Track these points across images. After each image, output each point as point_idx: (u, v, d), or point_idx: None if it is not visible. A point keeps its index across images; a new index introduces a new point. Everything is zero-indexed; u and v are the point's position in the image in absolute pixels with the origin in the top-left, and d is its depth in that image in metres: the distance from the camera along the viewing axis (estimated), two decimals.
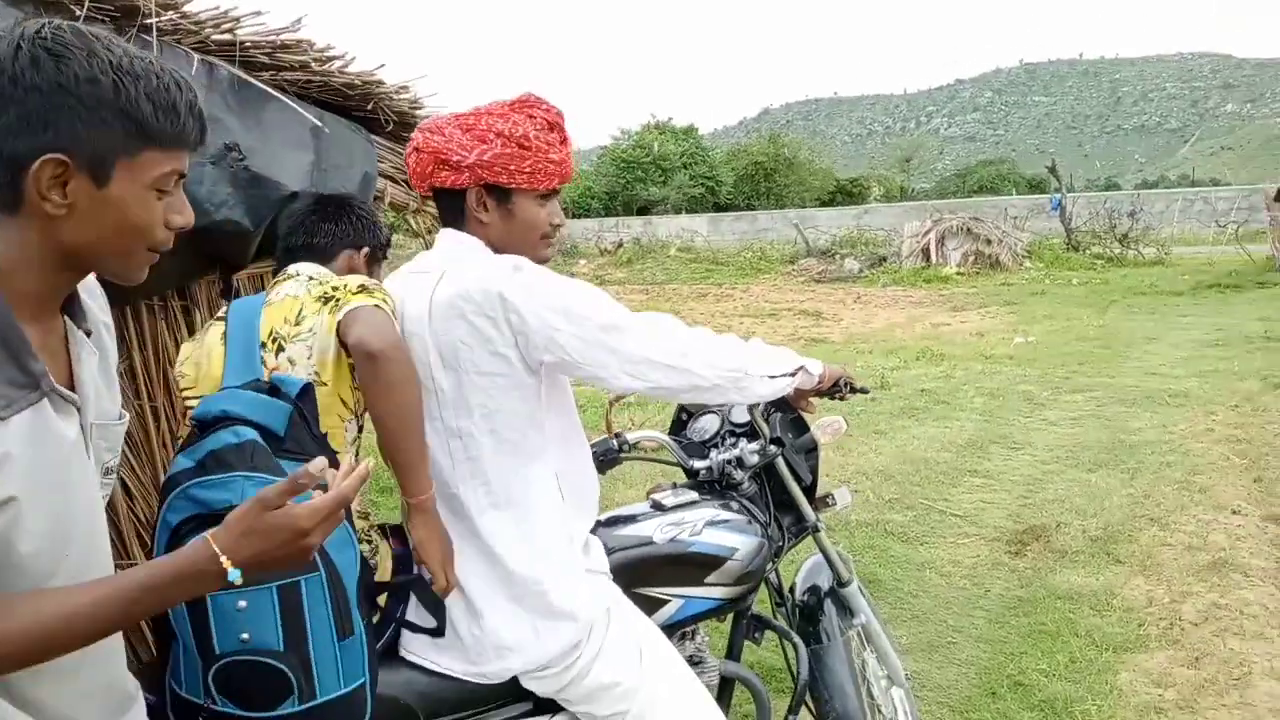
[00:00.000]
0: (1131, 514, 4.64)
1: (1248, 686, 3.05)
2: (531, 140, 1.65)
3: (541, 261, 1.73)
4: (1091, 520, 4.58)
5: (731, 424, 2.30)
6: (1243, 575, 3.86)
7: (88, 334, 1.15)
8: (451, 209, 1.73)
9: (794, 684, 2.25)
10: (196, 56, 2.37)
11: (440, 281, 1.64)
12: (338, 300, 1.72)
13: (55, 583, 1.04)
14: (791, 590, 2.44)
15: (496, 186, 1.68)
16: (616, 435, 2.23)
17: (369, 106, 2.85)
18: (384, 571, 1.70)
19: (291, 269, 1.93)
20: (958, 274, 17.46)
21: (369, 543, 1.73)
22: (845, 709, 2.25)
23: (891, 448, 6.13)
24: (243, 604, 1.36)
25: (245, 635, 1.37)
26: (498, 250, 1.71)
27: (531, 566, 1.64)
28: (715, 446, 2.26)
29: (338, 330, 1.68)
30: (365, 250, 2.06)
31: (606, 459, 2.21)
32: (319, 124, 2.60)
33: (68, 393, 1.08)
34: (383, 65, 2.78)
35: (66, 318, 1.12)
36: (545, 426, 1.69)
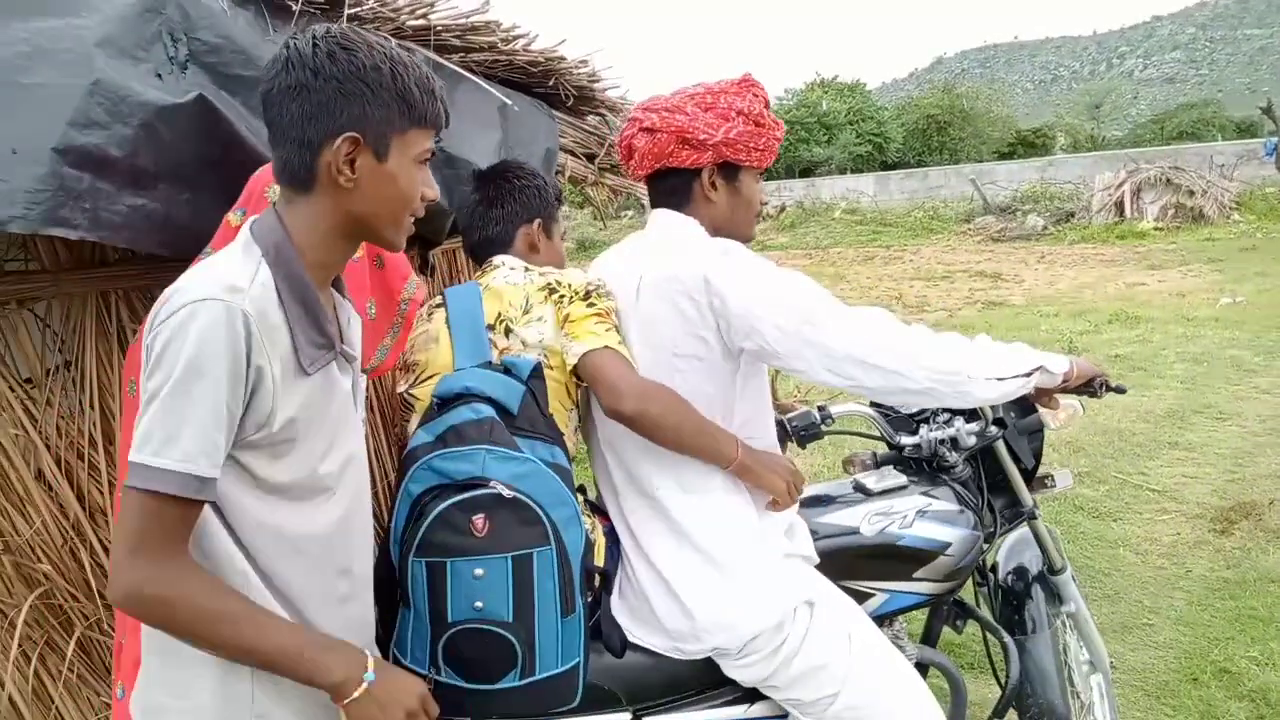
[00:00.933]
0: None
1: None
2: (764, 119, 1.71)
3: (749, 239, 1.77)
4: None
5: None
6: None
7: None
8: (677, 189, 1.75)
9: (1001, 683, 2.13)
10: (394, 42, 2.51)
11: (652, 263, 1.68)
12: (562, 295, 1.72)
13: (338, 496, 1.27)
14: (994, 570, 2.32)
15: (729, 165, 1.72)
16: (820, 408, 2.13)
17: (550, 83, 2.93)
18: (599, 551, 1.73)
19: (495, 260, 1.93)
20: (1155, 229, 16.14)
21: (589, 519, 1.74)
22: (1050, 701, 2.13)
23: (1083, 418, 5.78)
24: (480, 571, 1.45)
25: (479, 603, 1.46)
26: (717, 230, 1.73)
27: (723, 550, 1.64)
28: (926, 423, 2.13)
29: (575, 369, 1.67)
30: (538, 221, 1.99)
31: (807, 433, 2.09)
32: (507, 102, 2.70)
33: (350, 352, 1.32)
34: (564, 41, 2.85)
35: (333, 288, 1.32)
36: (735, 411, 1.69)
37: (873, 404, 2.26)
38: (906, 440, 2.10)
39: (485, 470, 1.48)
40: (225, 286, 1.11)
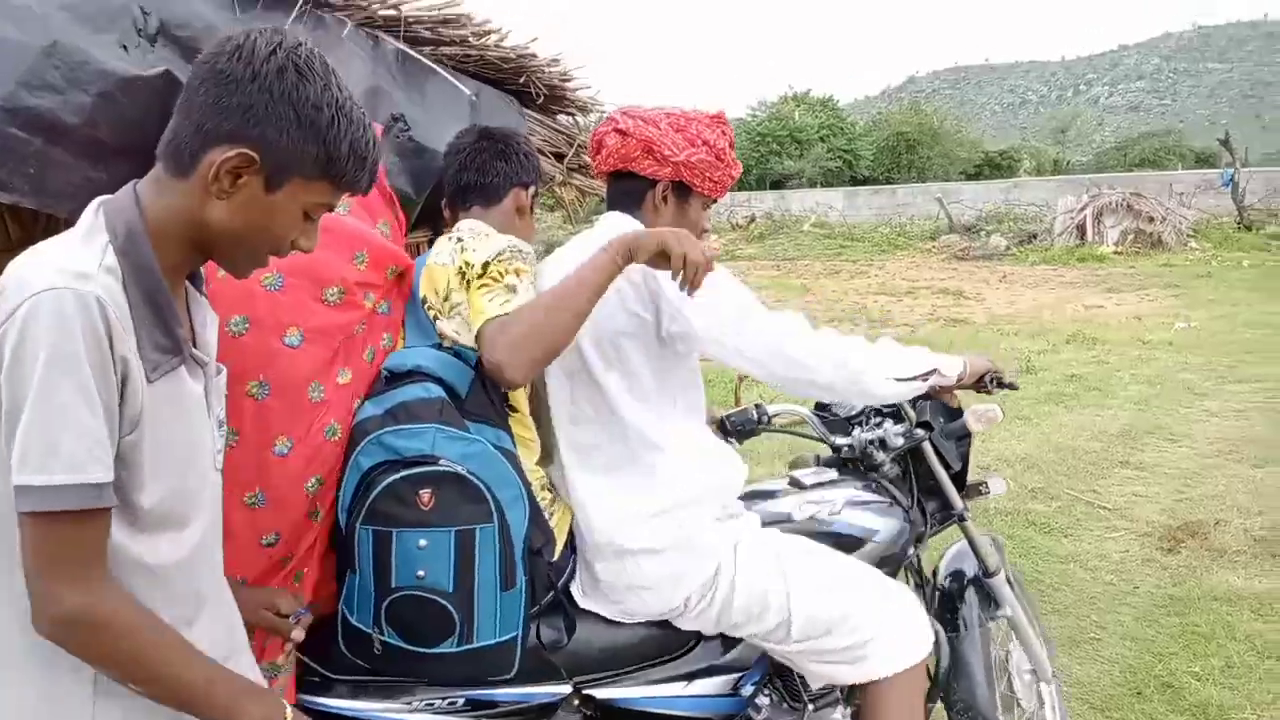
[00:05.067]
0: None
1: None
2: (725, 155, 1.85)
3: None
4: (1256, 519, 4.30)
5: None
6: None
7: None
8: (631, 194, 1.89)
9: (930, 674, 2.18)
10: (365, 31, 2.48)
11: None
12: (468, 280, 1.66)
13: (194, 524, 1.15)
14: (934, 575, 2.39)
15: (683, 186, 1.86)
16: (756, 406, 2.23)
17: (521, 80, 2.91)
18: (560, 531, 1.78)
19: (460, 225, 1.92)
20: (1115, 253, 16.48)
21: (550, 512, 1.78)
22: (974, 700, 2.19)
23: (1036, 435, 5.89)
24: (423, 543, 1.50)
25: (421, 572, 1.51)
26: None
27: (657, 517, 1.75)
28: (860, 424, 2.23)
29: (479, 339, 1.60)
30: (531, 188, 2.04)
31: (744, 429, 2.21)
32: (475, 97, 2.68)
33: (201, 356, 1.18)
34: (535, 39, 2.84)
35: (188, 282, 1.20)
36: (672, 390, 1.80)
37: (810, 405, 2.38)
38: (840, 441, 2.21)
39: (435, 448, 1.52)
40: (70, 274, 0.99)
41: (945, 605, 2.33)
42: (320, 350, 1.60)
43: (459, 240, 1.80)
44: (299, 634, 1.43)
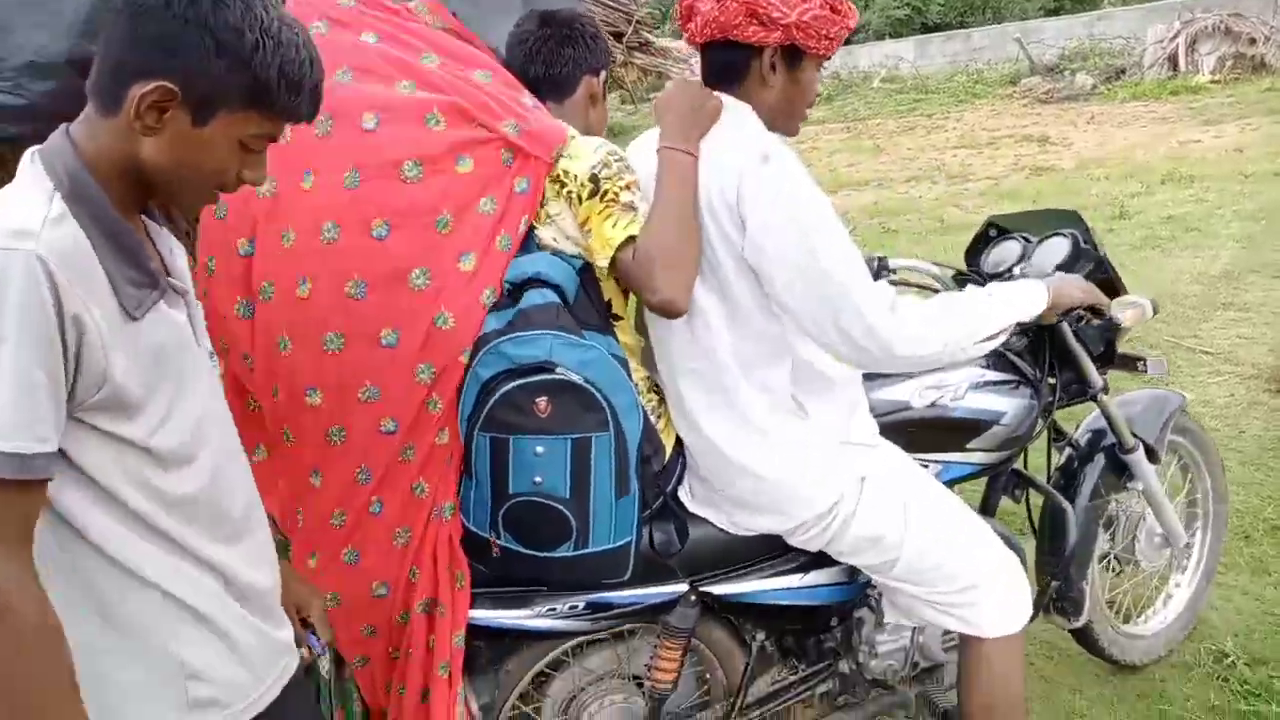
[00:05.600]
0: None
1: None
2: (840, 5, 1.61)
3: (795, 133, 1.73)
4: None
5: (1028, 268, 2.12)
6: None
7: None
8: (734, 64, 1.65)
9: (1052, 547, 2.16)
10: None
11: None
12: (571, 192, 1.63)
13: (200, 461, 1.15)
14: (1072, 442, 2.32)
15: (794, 49, 1.62)
16: (879, 259, 2.11)
17: None
18: (668, 435, 1.77)
19: None
20: (1213, 81, 15.34)
21: (656, 415, 1.77)
22: (1059, 572, 2.15)
23: (1133, 281, 5.57)
24: (540, 449, 1.52)
25: (538, 479, 1.54)
26: (769, 118, 1.67)
27: (778, 435, 1.69)
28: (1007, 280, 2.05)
29: (613, 266, 1.61)
30: (601, 74, 1.93)
31: None
32: None
33: (179, 284, 1.17)
34: None
35: (143, 216, 1.17)
36: (781, 315, 1.66)
37: (969, 249, 2.27)
38: None
39: (551, 355, 1.52)
40: (8, 232, 0.95)
41: (1068, 473, 2.28)
42: (412, 235, 1.57)
43: None
44: (304, 654, 1.41)
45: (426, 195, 1.58)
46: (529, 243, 1.66)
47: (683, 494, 1.81)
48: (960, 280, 2.16)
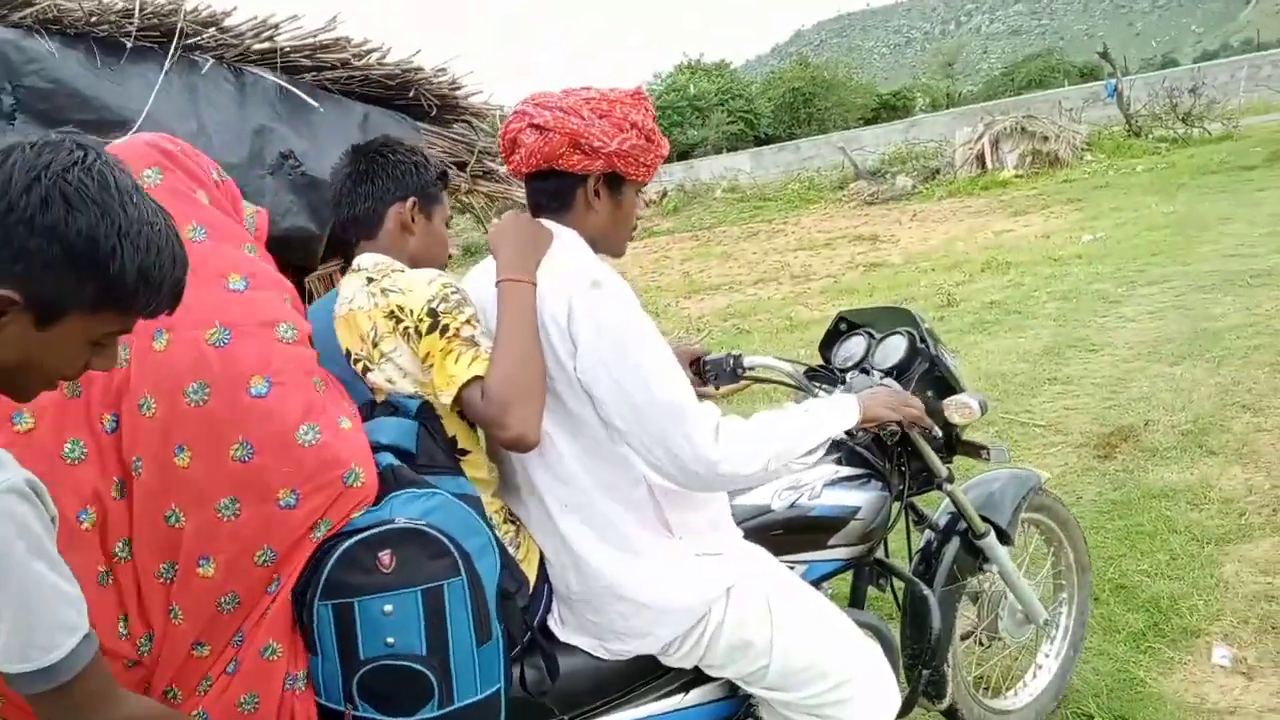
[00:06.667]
0: (1222, 403, 4.54)
1: None
2: (655, 135, 1.69)
3: (621, 254, 1.79)
4: (1180, 414, 4.49)
5: (872, 364, 2.20)
6: None
7: None
8: (560, 192, 1.70)
9: (914, 633, 2.20)
10: (246, 70, 2.43)
11: None
12: (408, 328, 1.59)
13: None
14: (931, 525, 2.39)
15: (614, 176, 1.69)
16: (734, 356, 2.16)
17: (410, 94, 2.89)
18: (530, 565, 1.71)
19: (355, 262, 1.80)
20: (1016, 176, 16.92)
21: (515, 545, 1.71)
22: (922, 654, 2.19)
23: (966, 365, 6.04)
24: (389, 608, 1.41)
25: (391, 640, 1.43)
26: (596, 241, 1.72)
27: (624, 568, 1.65)
28: (844, 384, 2.14)
29: (457, 403, 1.56)
30: (413, 200, 1.82)
31: (720, 376, 2.13)
32: (365, 118, 2.65)
33: None
34: (419, 51, 2.81)
35: None
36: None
37: (822, 344, 2.37)
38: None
39: (393, 515, 1.44)
40: None
41: (927, 556, 2.34)
42: (296, 391, 1.47)
43: (369, 279, 1.70)
44: None
45: (303, 354, 1.52)
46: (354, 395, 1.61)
47: (552, 623, 1.74)
48: (811, 375, 2.24)
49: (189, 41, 2.39)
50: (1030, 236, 10.89)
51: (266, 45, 2.52)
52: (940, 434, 2.13)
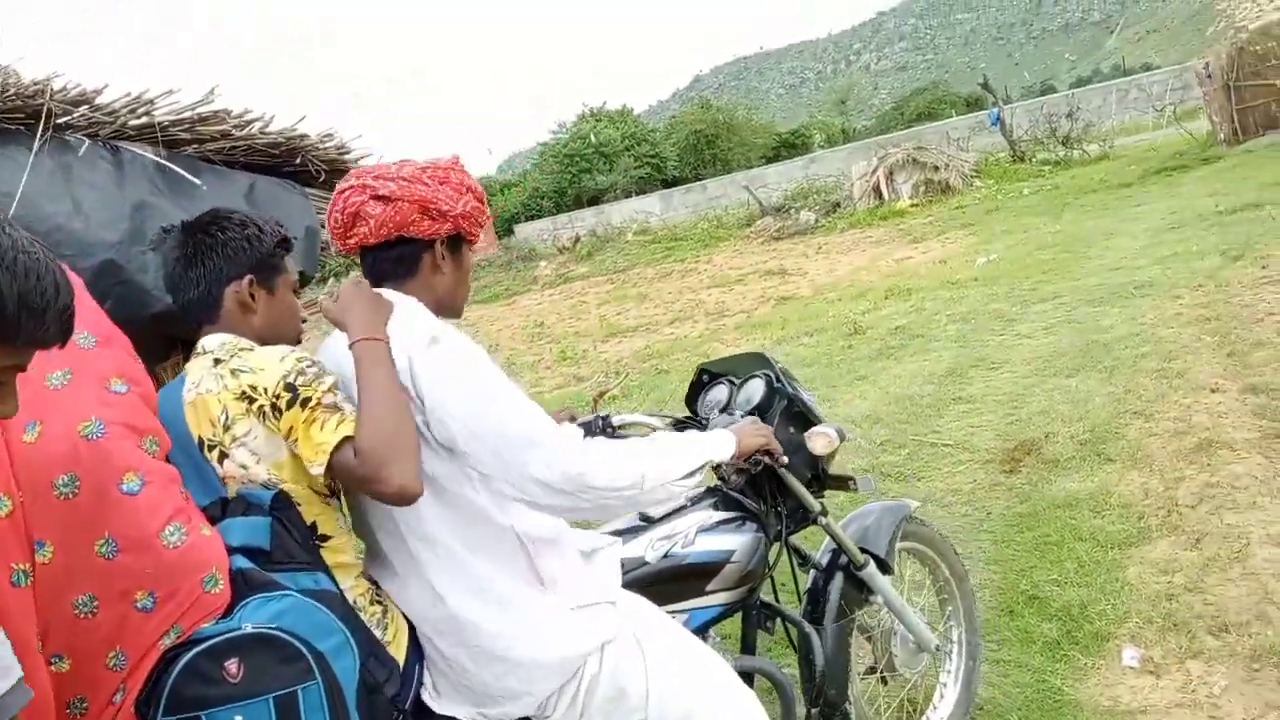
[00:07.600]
0: (1115, 411, 4.74)
1: (1248, 557, 3.14)
2: (483, 198, 1.78)
3: (460, 314, 1.82)
4: (1078, 425, 4.67)
5: (735, 407, 2.27)
6: (1229, 450, 3.96)
7: None
8: (406, 259, 1.72)
9: (808, 673, 2.21)
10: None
11: None
12: (262, 406, 1.54)
13: None
14: (814, 564, 2.41)
15: (455, 238, 1.76)
16: (603, 418, 2.20)
17: (297, 160, 2.86)
18: (399, 645, 1.65)
19: (199, 345, 1.72)
20: (911, 206, 17.58)
21: (382, 626, 1.65)
22: (823, 693, 2.21)
23: (875, 390, 6.20)
24: (238, 719, 1.35)
25: None
26: (439, 303, 1.74)
27: (497, 624, 1.63)
28: (726, 414, 2.19)
29: (329, 472, 1.52)
30: (249, 277, 1.73)
31: (591, 436, 2.13)
32: (250, 188, 2.61)
33: None
34: (303, 118, 2.79)
35: None
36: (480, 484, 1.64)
37: (687, 396, 2.40)
38: None
39: (241, 622, 1.39)
40: None
41: (813, 594, 2.37)
42: (164, 492, 1.45)
43: (216, 361, 1.63)
44: None
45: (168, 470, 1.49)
46: (206, 492, 1.56)
47: (427, 697, 1.68)
48: (680, 425, 2.28)
49: (60, 121, 2.33)
50: (929, 262, 11.29)
51: (143, 121, 2.47)
52: (794, 463, 2.16)
